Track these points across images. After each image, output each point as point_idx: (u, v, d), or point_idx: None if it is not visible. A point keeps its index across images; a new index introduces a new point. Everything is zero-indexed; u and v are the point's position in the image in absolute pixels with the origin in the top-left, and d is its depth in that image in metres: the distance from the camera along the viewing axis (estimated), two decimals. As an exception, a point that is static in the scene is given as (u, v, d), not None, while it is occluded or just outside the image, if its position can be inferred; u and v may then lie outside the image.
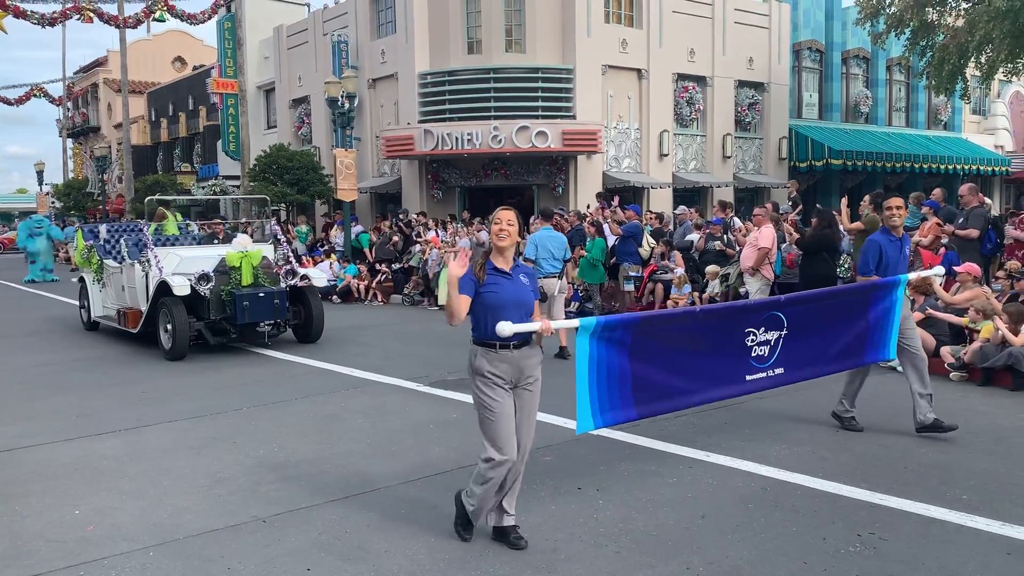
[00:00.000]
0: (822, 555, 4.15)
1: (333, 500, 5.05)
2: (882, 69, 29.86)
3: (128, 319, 11.30)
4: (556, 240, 10.01)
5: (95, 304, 12.75)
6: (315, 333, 11.19)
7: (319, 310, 11.24)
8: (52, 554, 4.33)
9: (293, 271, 11.18)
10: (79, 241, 13.46)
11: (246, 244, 10.95)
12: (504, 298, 4.18)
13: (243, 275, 10.40)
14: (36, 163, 44.77)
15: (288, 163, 23.94)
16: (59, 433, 6.74)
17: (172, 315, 9.99)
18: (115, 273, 12.06)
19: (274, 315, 10.55)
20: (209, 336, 10.44)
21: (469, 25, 22.14)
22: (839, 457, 5.73)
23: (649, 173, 23.67)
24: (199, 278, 10.15)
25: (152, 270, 10.73)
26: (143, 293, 11.05)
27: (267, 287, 10.53)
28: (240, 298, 10.20)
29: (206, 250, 11.50)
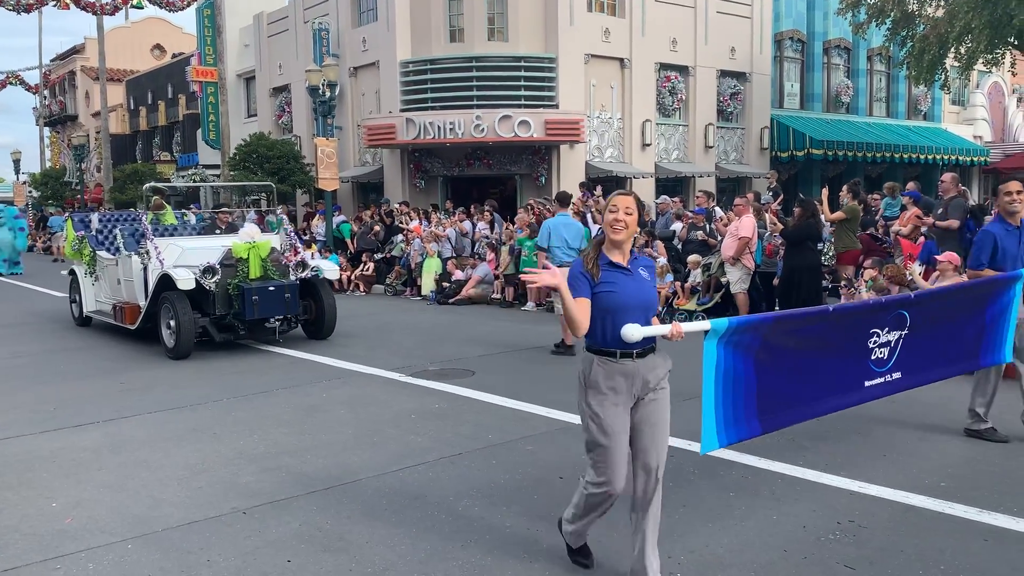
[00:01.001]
0: (802, 543, 4.17)
1: (314, 491, 5.02)
2: (863, 59, 30.01)
3: (125, 315, 10.69)
4: (572, 228, 9.46)
5: (87, 298, 12.12)
6: (327, 329, 10.59)
7: (331, 304, 10.59)
8: (28, 547, 4.28)
9: (303, 263, 10.50)
10: (69, 231, 12.69)
11: (254, 234, 10.20)
12: (625, 298, 3.59)
13: (251, 267, 9.78)
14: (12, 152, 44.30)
15: (268, 152, 23.78)
16: (36, 424, 6.67)
17: (176, 311, 9.39)
18: (109, 265, 11.42)
19: (285, 310, 9.91)
20: (215, 333, 9.85)
21: (451, 13, 22.05)
22: (820, 446, 5.76)
23: (631, 163, 23.70)
24: (204, 271, 9.52)
25: (152, 262, 10.13)
26: (141, 287, 10.46)
27: (277, 280, 9.92)
28: (249, 292, 9.56)
29: (209, 241, 10.86)
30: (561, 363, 8.97)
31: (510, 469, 5.35)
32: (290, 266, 10.29)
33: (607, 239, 3.69)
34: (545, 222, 9.74)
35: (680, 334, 3.61)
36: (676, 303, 11.65)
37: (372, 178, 24.43)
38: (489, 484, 5.07)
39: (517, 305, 13.95)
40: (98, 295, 11.93)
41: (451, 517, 4.57)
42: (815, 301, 10.15)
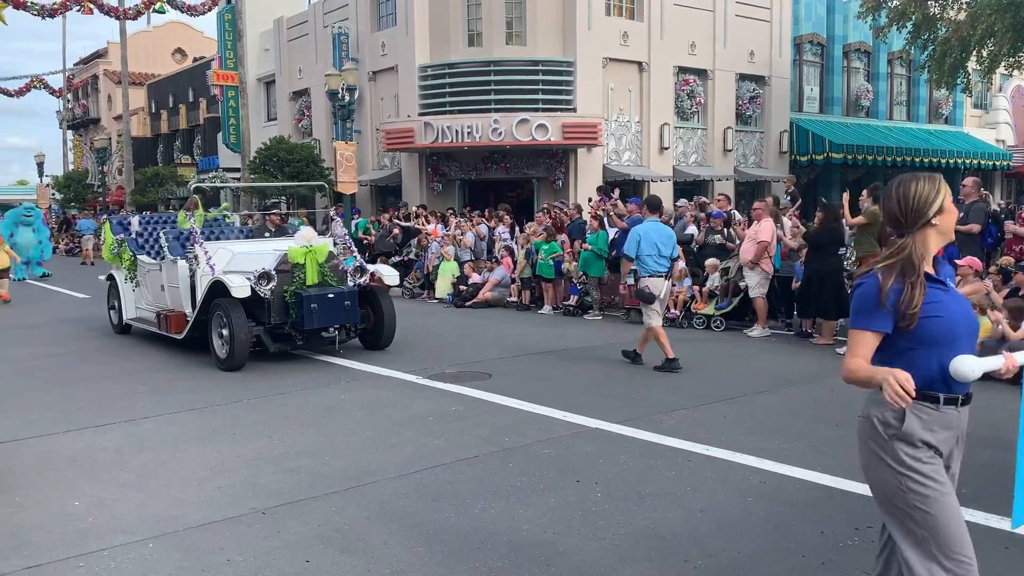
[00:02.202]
0: (820, 548, 4.15)
1: (332, 492, 5.06)
2: (883, 63, 29.82)
3: (170, 323, 10.04)
4: (664, 234, 8.71)
5: (127, 305, 11.50)
6: (386, 338, 9.90)
7: (391, 312, 9.89)
8: (52, 545, 4.34)
9: (362, 268, 9.75)
10: (107, 235, 12.06)
11: (311, 238, 9.42)
12: (954, 324, 2.68)
13: (307, 273, 9.10)
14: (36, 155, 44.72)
15: (288, 156, 23.95)
16: (59, 424, 6.75)
17: (229, 320, 8.77)
18: (152, 271, 10.83)
19: (345, 318, 9.22)
20: (269, 343, 9.20)
21: (470, 17, 22.11)
22: (838, 451, 5.73)
23: (650, 166, 23.66)
24: (259, 277, 8.84)
25: (201, 267, 9.52)
26: (187, 294, 9.89)
27: (336, 287, 9.24)
28: (307, 300, 8.88)
29: (261, 244, 10.29)
30: (578, 366, 8.97)
31: (527, 472, 5.36)
32: (348, 271, 9.65)
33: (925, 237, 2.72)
34: (634, 229, 8.94)
35: (1014, 368, 2.65)
36: (694, 307, 11.62)
37: (390, 182, 24.54)
38: (506, 486, 5.09)
39: (534, 308, 13.96)
40: (139, 302, 11.39)
41: (468, 519, 4.59)
42: (837, 306, 10.09)
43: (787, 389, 7.72)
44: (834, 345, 9.84)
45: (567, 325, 12.25)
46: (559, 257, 13.58)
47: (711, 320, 11.39)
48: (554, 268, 13.57)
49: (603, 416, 6.67)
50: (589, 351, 9.96)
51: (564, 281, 13.74)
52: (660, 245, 8.54)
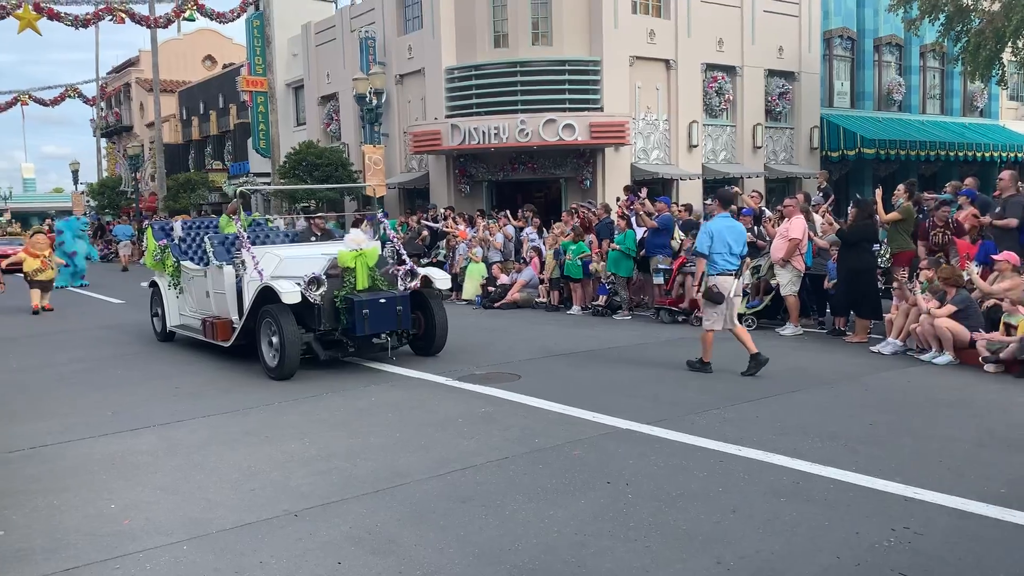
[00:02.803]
0: (855, 549, 4.09)
1: (364, 494, 5.08)
2: (916, 56, 29.39)
3: (216, 331, 9.79)
4: (735, 231, 8.37)
5: (171, 312, 11.28)
6: (438, 345, 9.60)
7: (442, 317, 9.58)
8: (89, 547, 4.40)
9: (412, 271, 9.42)
10: (149, 241, 11.76)
11: (360, 241, 9.13)
12: None
13: (358, 278, 8.82)
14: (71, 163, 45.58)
15: (317, 160, 24.15)
16: (95, 429, 6.85)
17: (280, 327, 8.49)
18: (196, 277, 10.61)
19: (397, 324, 8.94)
20: (320, 351, 8.90)
21: (495, 19, 22.15)
22: (873, 450, 5.65)
23: (678, 164, 23.53)
24: (309, 282, 8.55)
25: (249, 273, 9.28)
26: (234, 300, 9.68)
27: (387, 291, 8.97)
28: (359, 305, 8.58)
29: (308, 248, 10.01)
30: (608, 367, 8.93)
31: (557, 473, 5.34)
32: (398, 275, 9.33)
33: None
34: (705, 225, 8.60)
35: None
36: (724, 306, 11.51)
37: (418, 184, 24.64)
38: (536, 488, 5.08)
39: (563, 309, 13.93)
40: (183, 308, 11.19)
41: (499, 520, 4.59)
42: (872, 304, 9.96)
43: (820, 388, 7.62)
44: (867, 343, 9.71)
45: (596, 325, 12.21)
46: (587, 257, 13.55)
47: (742, 319, 11.27)
48: (582, 268, 13.54)
49: (634, 417, 6.63)
50: (619, 351, 9.92)
51: (592, 281, 13.70)
52: (731, 242, 8.23)
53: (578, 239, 13.74)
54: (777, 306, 11.20)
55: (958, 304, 8.58)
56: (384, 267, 9.30)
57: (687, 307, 12.04)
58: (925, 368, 8.39)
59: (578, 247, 13.56)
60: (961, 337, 8.43)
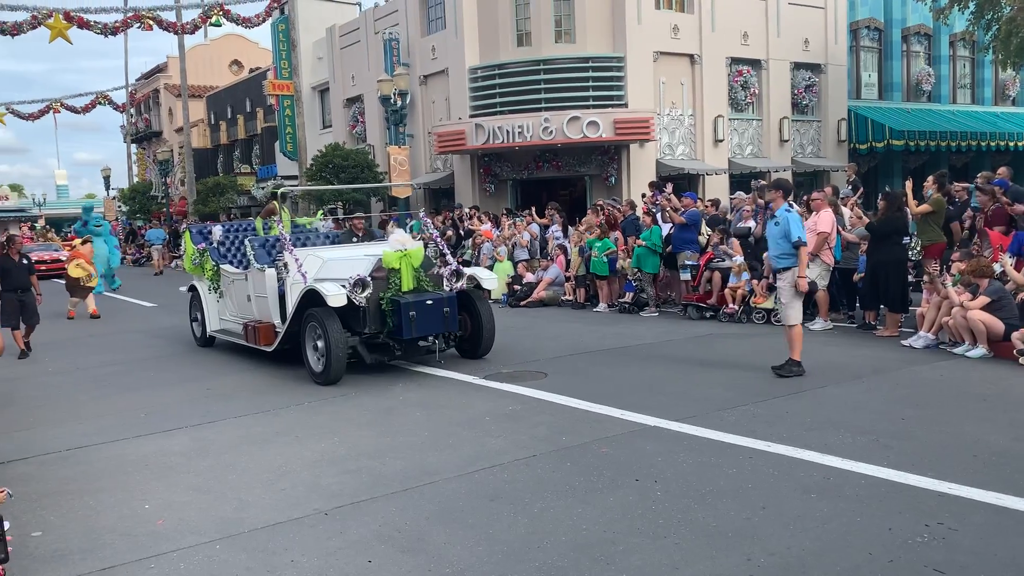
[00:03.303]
0: (888, 546, 4.05)
1: (393, 492, 5.11)
2: (945, 45, 28.95)
3: (259, 335, 9.60)
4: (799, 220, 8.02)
5: (211, 317, 11.10)
6: (484, 347, 9.36)
7: (489, 319, 9.33)
8: (124, 547, 4.48)
9: (458, 272, 9.20)
10: (187, 244, 11.65)
11: (405, 241, 8.90)
12: None
13: (403, 279, 8.58)
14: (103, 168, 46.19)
15: (343, 162, 24.30)
16: (129, 430, 6.96)
17: (325, 331, 8.28)
18: (237, 280, 10.40)
19: (444, 326, 8.70)
20: (366, 354, 8.68)
21: (518, 17, 22.14)
22: (905, 445, 5.58)
23: (704, 159, 23.39)
24: (354, 284, 8.33)
25: (291, 276, 9.15)
26: (276, 303, 9.51)
27: (433, 292, 8.74)
28: (405, 307, 8.34)
29: (351, 250, 9.80)
30: (635, 364, 8.90)
31: (585, 471, 5.34)
32: (444, 276, 9.12)
33: None
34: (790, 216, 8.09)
35: None
36: (753, 301, 11.43)
37: (443, 184, 24.71)
38: (564, 486, 5.08)
39: (589, 307, 13.90)
40: (223, 313, 11.00)
41: (527, 519, 4.59)
42: (902, 297, 9.83)
43: (850, 383, 7.54)
44: (898, 337, 9.59)
45: (623, 323, 12.18)
46: (613, 254, 13.51)
47: (771, 314, 11.19)
48: (608, 265, 13.50)
49: (662, 414, 6.61)
50: (646, 348, 9.88)
51: (619, 278, 13.66)
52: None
53: (603, 236, 13.70)
54: (806, 300, 11.07)
55: (991, 295, 8.45)
56: (429, 268, 9.04)
57: (715, 303, 11.97)
58: (958, 362, 8.27)
59: (604, 244, 13.52)
60: (995, 330, 8.30)
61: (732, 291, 11.72)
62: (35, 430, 7.14)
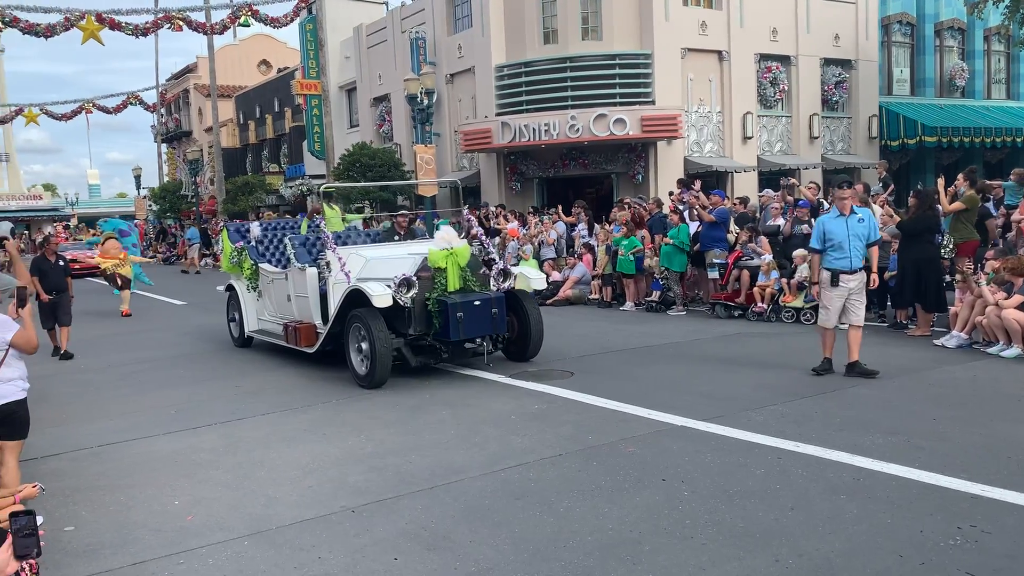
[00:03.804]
0: (919, 548, 3.99)
1: (419, 490, 5.12)
2: (979, 40, 28.47)
3: (300, 336, 9.35)
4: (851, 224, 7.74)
5: (249, 317, 10.90)
6: (532, 349, 9.02)
7: (538, 320, 9.00)
8: (154, 542, 4.53)
9: (505, 271, 8.90)
10: (225, 243, 11.43)
11: (451, 239, 8.60)
12: None
13: (449, 278, 8.26)
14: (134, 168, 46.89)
15: (370, 161, 24.39)
16: (159, 427, 7.04)
17: (370, 332, 8.00)
18: (277, 280, 10.18)
19: (492, 328, 8.38)
20: (411, 357, 8.41)
21: (545, 15, 22.10)
22: (937, 447, 5.50)
23: (732, 156, 23.20)
24: (399, 284, 8.04)
25: (333, 275, 8.92)
26: (317, 304, 9.32)
27: (481, 293, 8.40)
28: (453, 308, 8.00)
29: (394, 248, 9.57)
30: (662, 363, 8.85)
31: (611, 471, 5.32)
32: (491, 275, 8.81)
33: None
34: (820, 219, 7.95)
35: None
36: (782, 300, 11.32)
37: (469, 182, 24.73)
38: (590, 485, 5.06)
39: (615, 305, 13.85)
40: (262, 313, 10.80)
41: (553, 518, 4.58)
42: (936, 296, 9.68)
43: (881, 382, 7.44)
44: (930, 336, 9.45)
45: (650, 321, 12.12)
46: (639, 252, 13.44)
47: (800, 313, 11.09)
48: (635, 264, 13.44)
49: (689, 413, 6.56)
50: (673, 347, 9.82)
51: (646, 277, 13.59)
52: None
53: (630, 234, 13.63)
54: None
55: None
56: (476, 267, 8.69)
57: (743, 302, 11.87)
58: (992, 361, 8.13)
59: (630, 242, 13.46)
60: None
61: (761, 289, 11.61)
62: (67, 426, 7.25)
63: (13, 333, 4.89)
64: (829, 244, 7.74)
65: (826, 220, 7.90)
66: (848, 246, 7.65)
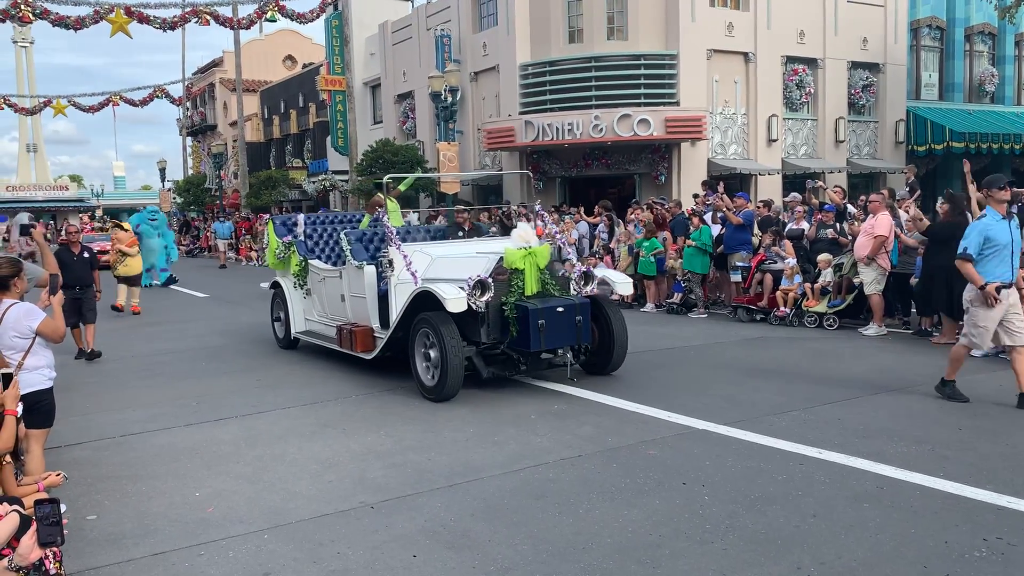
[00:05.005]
0: (944, 559, 3.94)
1: (438, 488, 5.12)
2: (1010, 45, 28.11)
3: (355, 340, 8.59)
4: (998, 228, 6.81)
5: (295, 317, 10.21)
6: (615, 361, 8.16)
7: (621, 329, 8.12)
8: (175, 533, 4.56)
9: (588, 274, 8.08)
10: (271, 238, 10.71)
11: (529, 237, 7.75)
12: None
13: (526, 281, 7.46)
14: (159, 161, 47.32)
15: (393, 157, 24.46)
16: (181, 418, 7.09)
17: (440, 339, 7.22)
18: (329, 278, 9.47)
19: (576, 337, 7.52)
20: (482, 367, 7.59)
21: (570, 14, 22.06)
22: (962, 456, 5.43)
23: (757, 159, 23.06)
24: (474, 286, 7.24)
25: (397, 275, 8.14)
26: (375, 305, 8.60)
27: (563, 298, 7.59)
28: (534, 314, 7.16)
29: (460, 246, 8.88)
30: (683, 366, 8.80)
31: (631, 472, 5.29)
32: (571, 278, 7.99)
33: None
34: (978, 222, 6.95)
35: None
36: (805, 305, 11.23)
37: (492, 181, 24.73)
38: (610, 487, 5.04)
39: (636, 307, 13.79)
40: (309, 314, 10.12)
41: (572, 518, 4.57)
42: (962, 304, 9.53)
43: (905, 390, 7.36)
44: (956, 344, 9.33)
45: (671, 323, 12.06)
46: (661, 254, 13.37)
47: (823, 318, 10.99)
48: (656, 265, 13.37)
49: (710, 417, 6.52)
50: (694, 350, 9.77)
51: (667, 278, 13.52)
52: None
53: (651, 236, 13.57)
54: (860, 305, 10.86)
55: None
56: (554, 269, 7.93)
57: (765, 305, 11.78)
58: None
59: (651, 244, 13.40)
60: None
61: (784, 293, 11.52)
62: (91, 416, 7.31)
63: (39, 321, 4.94)
64: (991, 250, 6.69)
65: (987, 224, 6.78)
66: (1011, 253, 6.73)
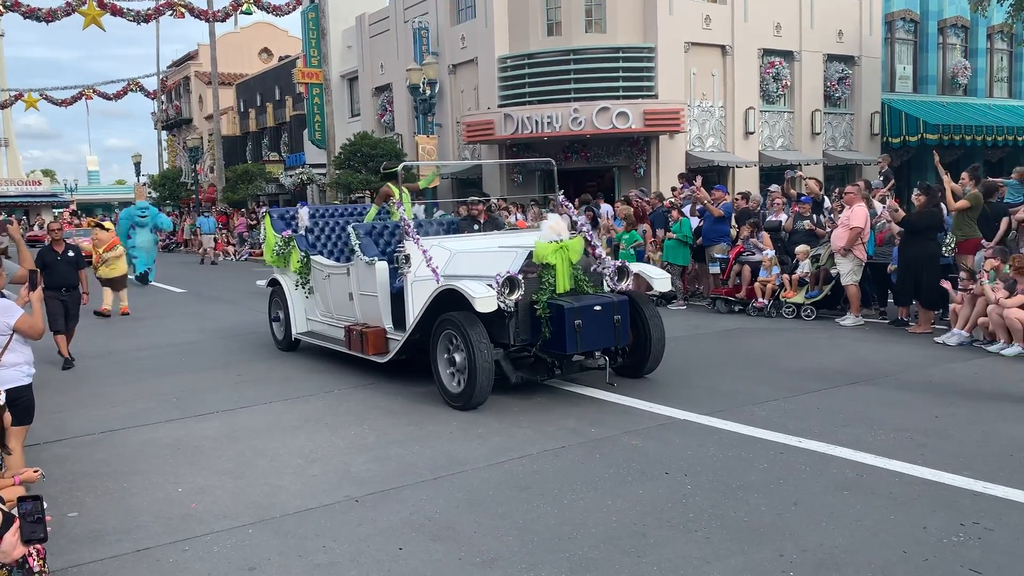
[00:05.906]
0: (923, 545, 4.00)
1: (422, 481, 5.13)
2: (982, 38, 28.47)
3: (367, 341, 7.98)
4: None
5: (297, 317, 9.61)
6: (652, 363, 7.56)
7: (659, 328, 7.50)
8: (159, 529, 4.54)
9: (623, 269, 7.45)
10: (268, 233, 10.20)
11: (560, 230, 7.02)
12: None
13: (558, 278, 6.80)
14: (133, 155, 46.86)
15: (372, 151, 24.34)
16: (161, 414, 7.05)
17: (467, 341, 6.61)
18: (335, 275, 8.87)
19: (614, 339, 6.88)
20: (511, 371, 6.96)
21: (549, 7, 22.05)
22: (940, 444, 5.51)
23: (734, 152, 23.20)
24: (503, 284, 6.62)
25: (415, 271, 7.55)
26: (388, 304, 8.02)
27: (598, 296, 6.96)
28: (568, 313, 6.52)
29: (480, 240, 8.30)
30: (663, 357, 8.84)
31: (614, 463, 5.33)
32: (605, 274, 7.34)
33: None
34: None
35: None
36: (783, 296, 11.33)
37: (471, 174, 24.70)
38: (594, 477, 5.07)
39: (617, 298, 13.82)
40: (312, 313, 9.53)
41: (556, 509, 4.59)
42: (936, 294, 9.69)
43: (883, 379, 7.46)
44: (931, 334, 9.47)
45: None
46: (640, 246, 13.43)
47: (801, 309, 11.09)
48: (635, 258, 13.41)
49: (691, 407, 6.58)
50: (673, 341, 9.80)
51: (647, 270, 13.55)
52: None
53: (630, 228, 13.62)
54: (837, 296, 10.98)
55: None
56: (587, 264, 7.26)
57: (744, 297, 11.87)
58: (993, 359, 8.15)
59: (631, 236, 13.45)
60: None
61: (762, 285, 11.62)
62: (70, 412, 7.25)
63: (16, 318, 4.89)
64: None
65: None
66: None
